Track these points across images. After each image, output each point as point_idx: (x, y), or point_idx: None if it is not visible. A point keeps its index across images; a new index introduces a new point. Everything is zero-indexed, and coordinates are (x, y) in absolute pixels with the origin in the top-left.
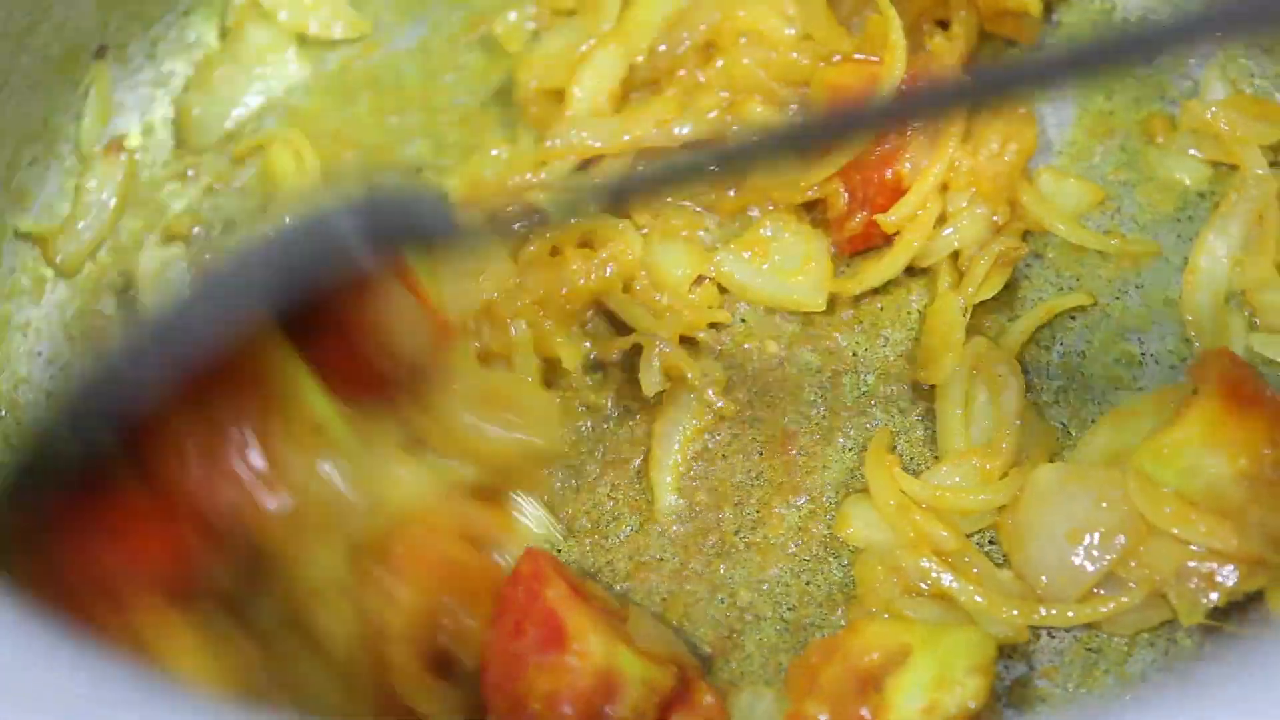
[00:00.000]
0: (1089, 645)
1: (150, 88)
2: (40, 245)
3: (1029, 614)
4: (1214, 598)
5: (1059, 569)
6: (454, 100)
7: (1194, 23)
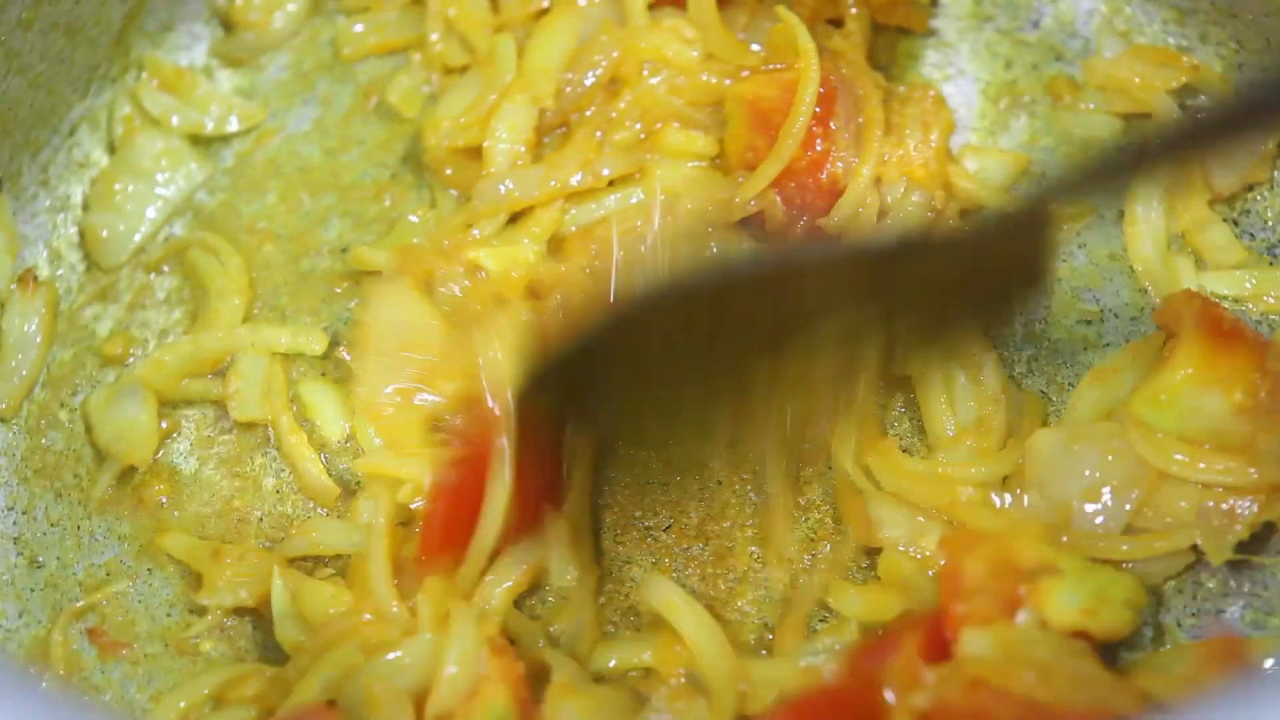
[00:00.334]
0: None
1: (49, 214)
2: None
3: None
4: (1239, 531)
5: (1079, 529)
6: (363, 175)
7: None
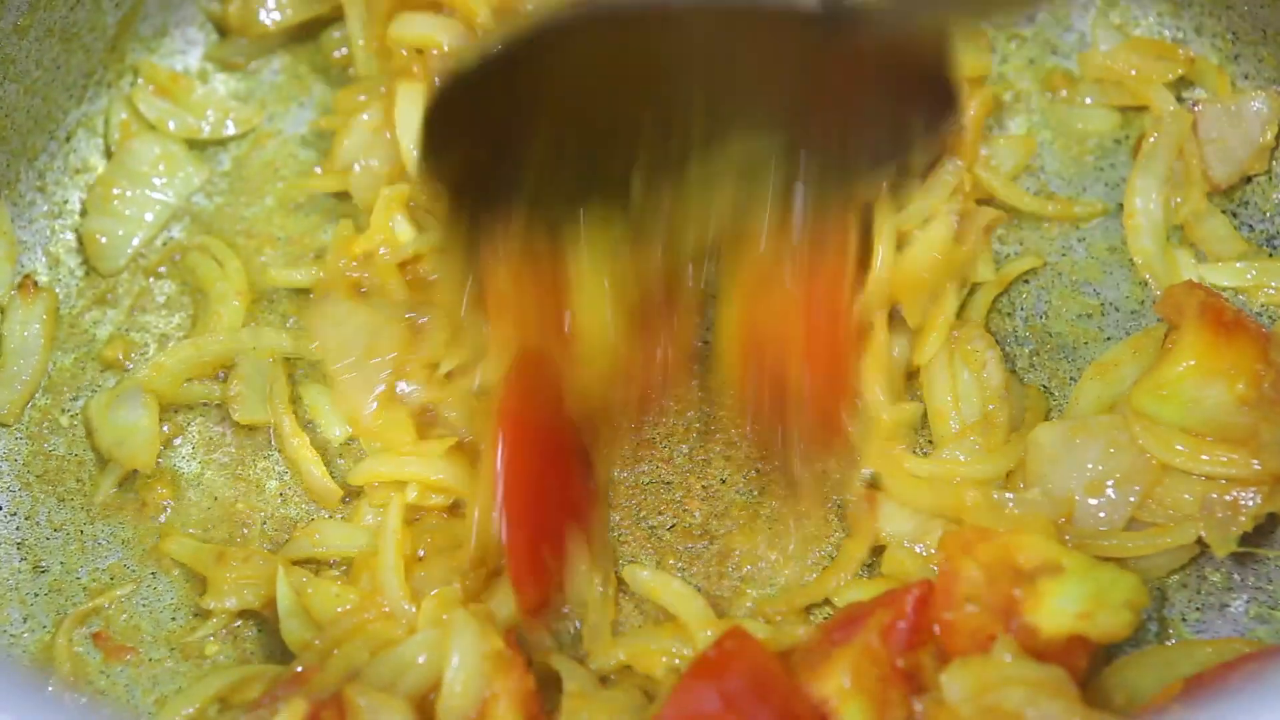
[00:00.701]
0: None
1: (47, 220)
2: None
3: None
4: (1242, 522)
5: (1082, 524)
6: None
7: None
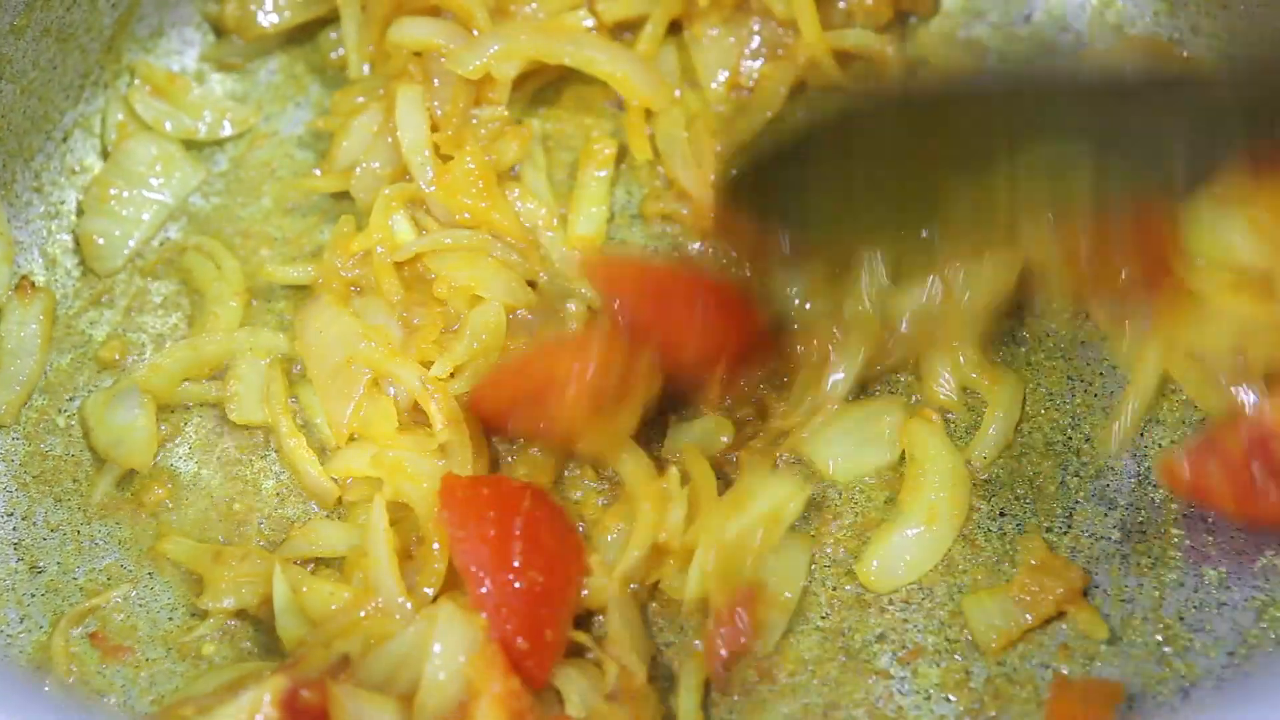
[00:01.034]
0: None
1: (44, 220)
2: None
3: None
4: None
5: None
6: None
7: None
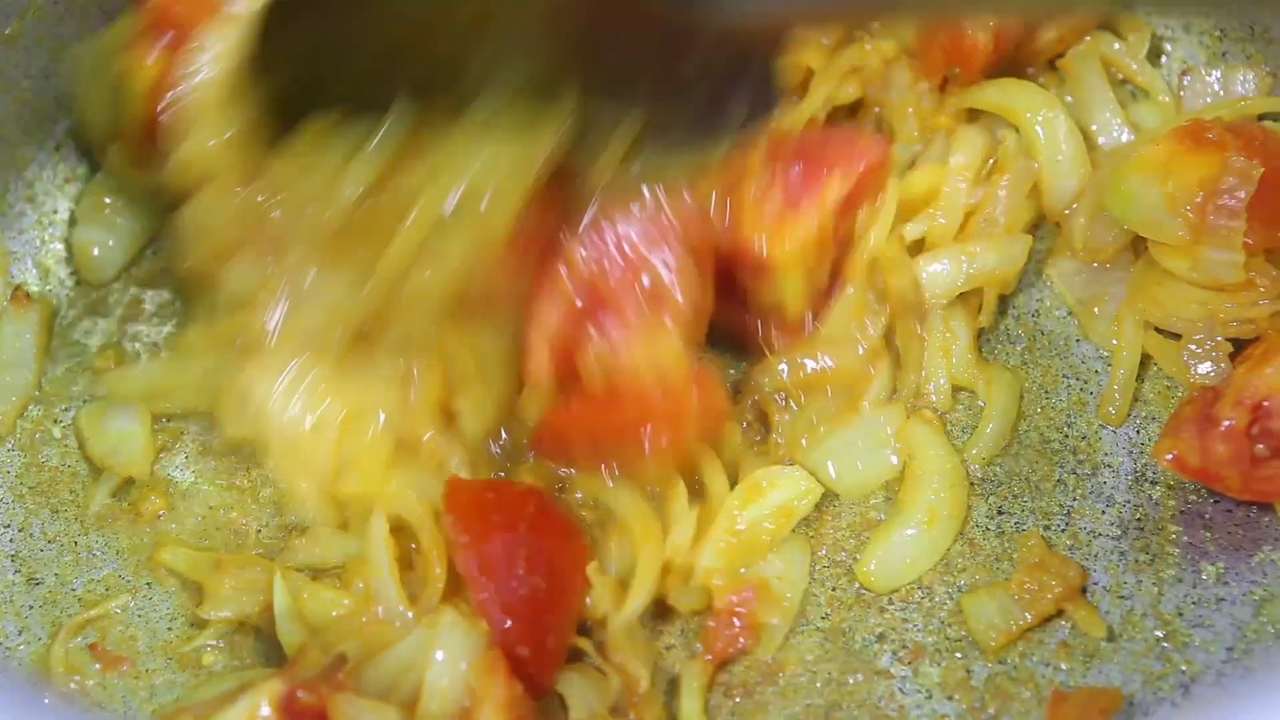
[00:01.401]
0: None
1: (37, 230)
2: None
3: None
4: None
5: None
6: None
7: None
